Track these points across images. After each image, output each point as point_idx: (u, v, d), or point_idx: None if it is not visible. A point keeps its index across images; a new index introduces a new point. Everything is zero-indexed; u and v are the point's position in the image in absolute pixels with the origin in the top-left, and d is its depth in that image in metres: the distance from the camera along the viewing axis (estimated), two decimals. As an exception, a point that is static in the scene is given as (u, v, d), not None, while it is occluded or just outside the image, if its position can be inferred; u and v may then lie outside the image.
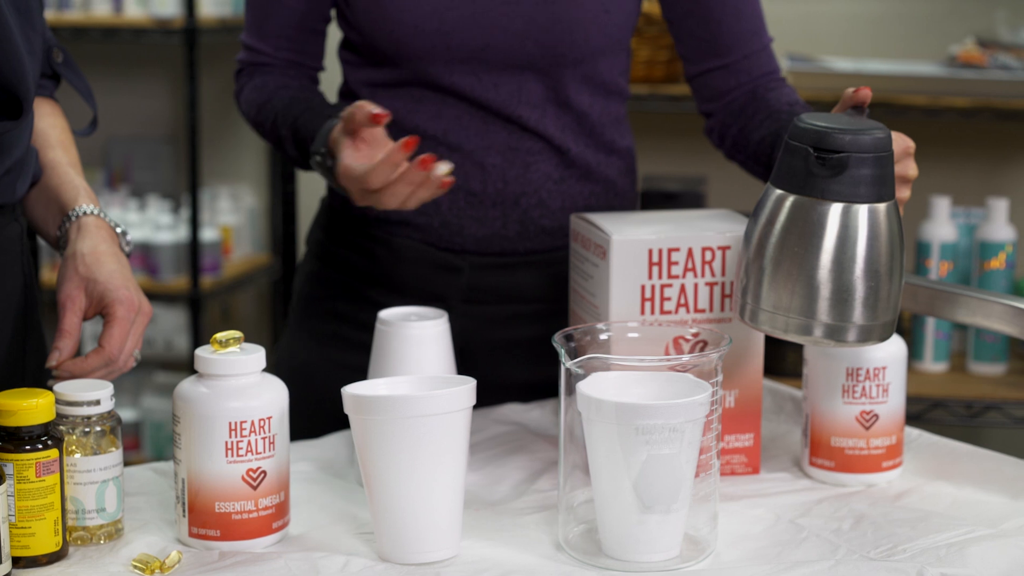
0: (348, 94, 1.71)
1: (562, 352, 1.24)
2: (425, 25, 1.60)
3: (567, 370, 1.24)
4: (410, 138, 1.41)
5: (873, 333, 1.31)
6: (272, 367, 1.76)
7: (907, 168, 1.41)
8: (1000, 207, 2.89)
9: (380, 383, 1.26)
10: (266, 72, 1.70)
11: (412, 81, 1.64)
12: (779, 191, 1.31)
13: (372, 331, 1.44)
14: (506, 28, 1.60)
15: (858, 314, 1.29)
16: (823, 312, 1.29)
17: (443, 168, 1.42)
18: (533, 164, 1.64)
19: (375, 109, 1.42)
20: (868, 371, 1.42)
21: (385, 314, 1.43)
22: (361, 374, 1.45)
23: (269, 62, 1.70)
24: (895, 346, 1.44)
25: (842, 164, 1.28)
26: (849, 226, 1.28)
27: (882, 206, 1.29)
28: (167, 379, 3.66)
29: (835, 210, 1.28)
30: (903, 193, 1.41)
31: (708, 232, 1.43)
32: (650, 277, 1.41)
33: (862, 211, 1.28)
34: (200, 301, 3.43)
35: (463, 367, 1.61)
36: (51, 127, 1.48)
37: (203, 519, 1.24)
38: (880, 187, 1.29)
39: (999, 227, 2.89)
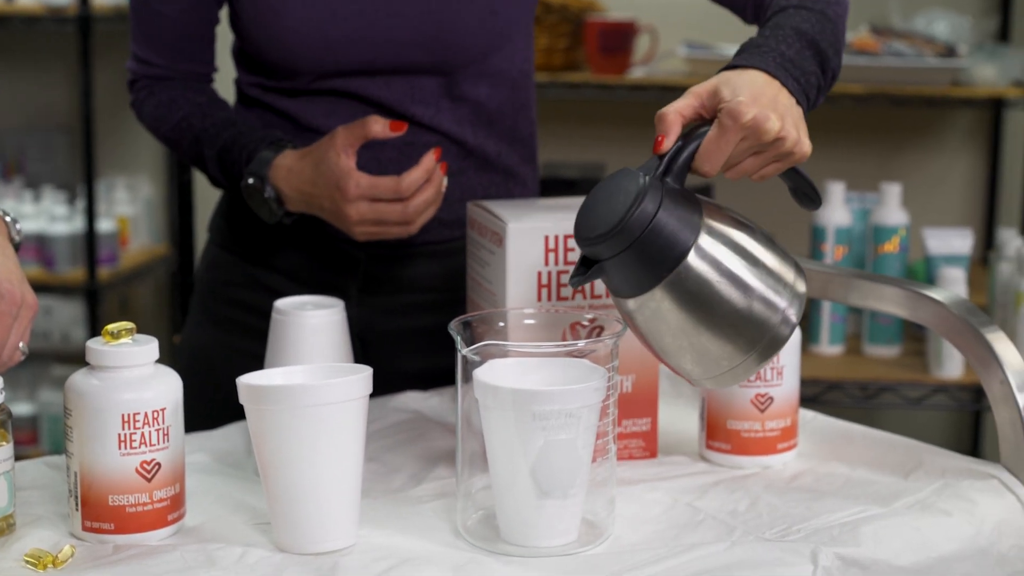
0: (242, 96, 1.71)
1: (458, 339, 1.24)
2: (312, 41, 1.59)
3: (464, 357, 1.24)
4: (437, 148, 1.55)
5: (796, 304, 1.29)
6: (175, 355, 1.75)
7: (759, 135, 1.27)
8: (893, 192, 2.93)
9: (275, 372, 1.25)
10: (167, 86, 1.69)
11: (304, 87, 1.64)
12: (618, 299, 1.30)
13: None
14: (393, 40, 1.60)
15: (784, 305, 1.28)
16: (760, 336, 1.28)
17: (445, 180, 1.57)
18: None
19: (385, 121, 1.54)
20: (763, 354, 1.43)
21: (281, 303, 1.42)
22: (262, 362, 1.44)
23: (164, 75, 1.69)
24: (789, 329, 1.45)
25: (598, 272, 1.26)
26: (694, 281, 1.25)
27: (690, 254, 1.25)
28: (64, 372, 3.61)
29: (671, 285, 1.25)
30: (782, 147, 1.29)
31: (604, 218, 1.43)
32: (547, 263, 1.42)
33: (691, 261, 1.25)
34: (97, 293, 3.39)
35: (362, 357, 1.61)
36: None
37: (97, 512, 1.22)
38: (669, 253, 1.25)
39: (893, 211, 2.93)
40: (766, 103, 1.29)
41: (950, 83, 3.10)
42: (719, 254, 1.26)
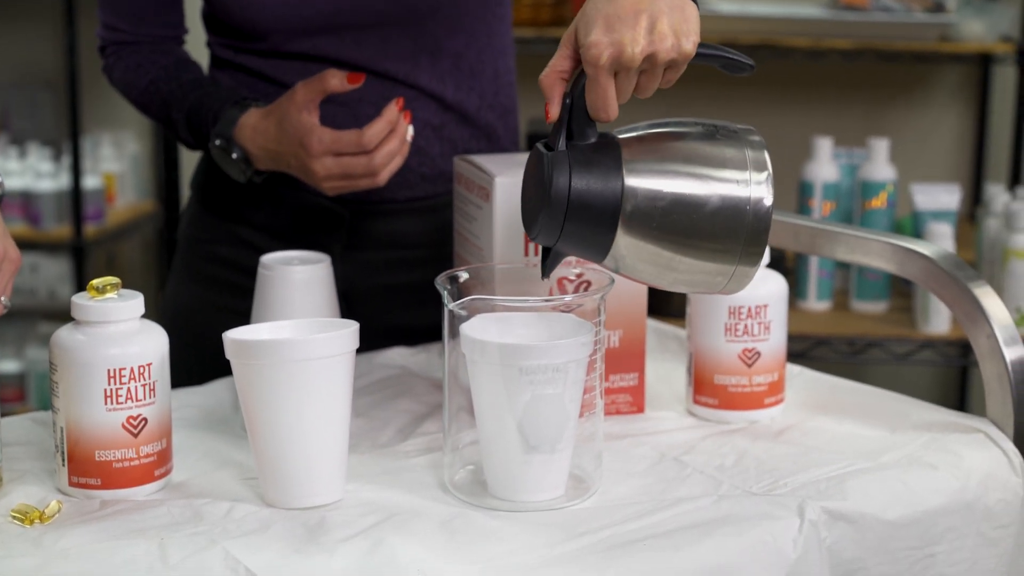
0: (215, 58, 1.70)
1: (445, 294, 1.24)
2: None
3: (450, 312, 1.23)
4: (399, 98, 1.53)
5: (762, 178, 1.23)
6: (159, 312, 1.75)
7: (625, 66, 1.20)
8: (881, 147, 2.93)
9: (262, 328, 1.25)
10: (134, 51, 1.68)
11: (274, 50, 1.63)
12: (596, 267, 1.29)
13: (255, 276, 1.43)
14: None
15: (746, 191, 1.22)
16: (737, 231, 1.22)
17: (410, 130, 1.54)
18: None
19: (343, 74, 1.51)
20: (750, 309, 1.43)
21: (267, 258, 1.42)
22: (245, 319, 1.44)
23: (131, 39, 1.68)
24: (776, 284, 1.45)
25: (559, 254, 1.25)
26: (641, 222, 1.22)
27: (624, 201, 1.21)
28: (51, 329, 3.60)
29: (624, 237, 1.22)
30: (657, 61, 1.20)
31: (591, 173, 1.42)
32: (534, 218, 1.41)
33: (628, 207, 1.21)
34: (84, 250, 3.38)
35: (348, 313, 1.60)
36: None
37: (83, 468, 1.22)
38: (603, 211, 1.21)
39: (880, 167, 2.93)
40: (624, 20, 1.19)
41: (938, 38, 3.09)
42: (652, 180, 1.22)
